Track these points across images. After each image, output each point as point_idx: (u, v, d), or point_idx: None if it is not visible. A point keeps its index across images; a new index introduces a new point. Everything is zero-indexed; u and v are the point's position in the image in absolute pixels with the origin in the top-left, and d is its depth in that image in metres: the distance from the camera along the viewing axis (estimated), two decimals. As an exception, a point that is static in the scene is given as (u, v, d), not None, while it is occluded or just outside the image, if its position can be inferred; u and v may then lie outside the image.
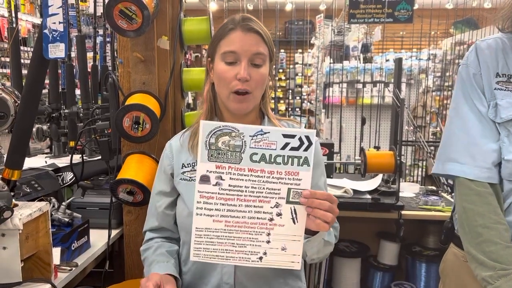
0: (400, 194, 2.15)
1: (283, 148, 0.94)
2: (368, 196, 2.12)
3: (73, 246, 1.39)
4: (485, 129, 1.12)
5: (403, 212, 2.08)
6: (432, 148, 3.24)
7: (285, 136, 0.94)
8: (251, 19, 1.14)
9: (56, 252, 1.28)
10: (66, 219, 1.43)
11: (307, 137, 0.93)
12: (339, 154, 3.35)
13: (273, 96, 8.82)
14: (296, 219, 0.97)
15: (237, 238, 0.98)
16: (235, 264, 1.02)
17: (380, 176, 2.33)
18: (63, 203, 1.47)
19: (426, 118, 4.50)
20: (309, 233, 1.04)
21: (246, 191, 0.95)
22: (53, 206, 1.45)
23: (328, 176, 2.34)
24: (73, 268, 1.31)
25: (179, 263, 1.25)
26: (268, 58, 1.16)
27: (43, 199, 1.39)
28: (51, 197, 1.50)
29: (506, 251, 1.04)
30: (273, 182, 0.95)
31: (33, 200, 1.39)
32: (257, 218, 0.97)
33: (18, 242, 1.07)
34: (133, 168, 1.59)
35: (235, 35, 1.12)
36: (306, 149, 0.94)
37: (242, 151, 0.94)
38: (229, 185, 0.95)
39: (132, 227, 1.70)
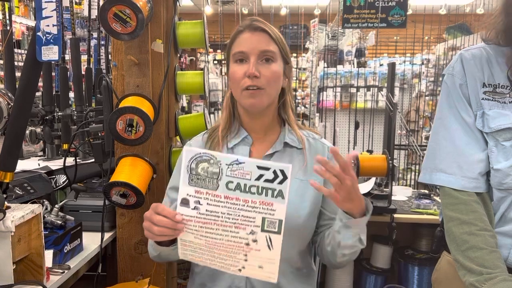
0: (393, 198, 2.16)
1: (258, 179, 0.95)
2: (361, 200, 2.13)
3: (66, 249, 1.38)
4: (471, 139, 1.13)
5: (395, 215, 2.09)
6: (425, 152, 3.26)
7: (259, 167, 0.95)
8: (259, 20, 1.17)
9: (49, 255, 1.28)
10: (59, 222, 1.43)
11: (282, 171, 0.94)
12: (332, 158, 3.36)
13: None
14: (272, 246, 0.98)
15: (218, 253, 1.01)
16: (218, 269, 1.04)
17: (373, 179, 2.34)
18: (56, 206, 1.47)
19: (419, 123, 4.53)
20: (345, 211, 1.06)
21: (222, 216, 0.98)
22: (46, 209, 1.45)
23: (322, 180, 2.35)
24: (66, 271, 1.31)
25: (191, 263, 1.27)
26: (279, 56, 1.17)
27: (35, 202, 1.39)
28: (44, 200, 1.50)
29: (491, 256, 1.05)
30: (248, 211, 0.97)
31: (25, 202, 1.39)
32: (234, 241, 0.99)
33: (10, 244, 1.07)
34: (127, 170, 1.58)
35: (244, 36, 1.15)
36: (280, 182, 0.95)
37: (219, 178, 0.96)
38: (206, 210, 0.98)
39: (125, 230, 1.70)
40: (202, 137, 1.29)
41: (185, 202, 0.98)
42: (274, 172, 0.94)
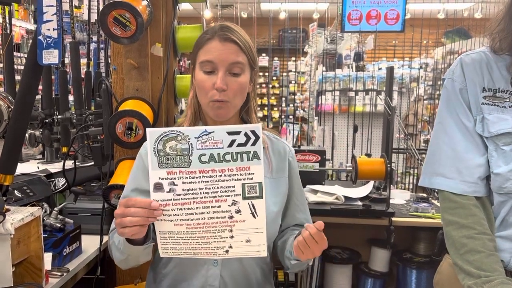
0: (391, 201, 2.17)
1: (230, 145, 0.94)
2: (359, 203, 2.14)
3: (65, 252, 1.39)
4: (470, 144, 1.13)
5: (393, 218, 2.10)
6: (423, 155, 3.27)
7: (230, 133, 0.94)
8: (229, 29, 1.14)
9: (48, 258, 1.29)
10: (58, 225, 1.43)
11: (253, 132, 0.94)
12: (331, 161, 3.38)
13: (266, 103, 8.85)
14: (256, 213, 0.96)
15: (201, 237, 0.97)
16: (203, 257, 1.02)
17: (372, 183, 2.35)
18: (55, 209, 1.47)
19: (417, 126, 4.54)
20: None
21: (200, 193, 0.95)
22: (45, 212, 1.46)
23: (320, 183, 2.36)
24: (65, 274, 1.32)
25: (159, 264, 1.24)
26: (247, 66, 1.15)
27: (35, 205, 1.39)
28: (43, 203, 1.50)
29: (489, 259, 1.05)
30: (226, 180, 0.95)
31: (25, 205, 1.39)
32: (217, 217, 0.96)
33: (10, 247, 1.08)
34: (126, 174, 1.59)
35: (213, 45, 1.12)
36: (254, 143, 0.94)
37: (190, 153, 0.94)
38: (183, 190, 0.95)
39: (124, 233, 1.70)
40: None
41: (158, 187, 0.94)
42: (246, 134, 0.94)
